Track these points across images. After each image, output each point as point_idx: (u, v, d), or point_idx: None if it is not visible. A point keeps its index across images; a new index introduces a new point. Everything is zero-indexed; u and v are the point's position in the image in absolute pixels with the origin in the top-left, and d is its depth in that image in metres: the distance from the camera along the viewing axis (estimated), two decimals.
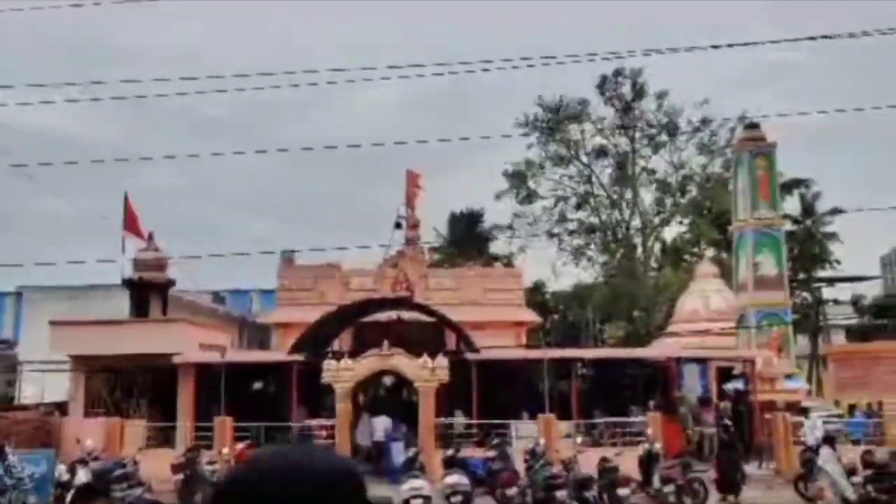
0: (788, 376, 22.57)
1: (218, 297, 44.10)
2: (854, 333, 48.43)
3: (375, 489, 16.54)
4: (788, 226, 40.02)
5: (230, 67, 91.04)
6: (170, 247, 25.29)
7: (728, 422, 17.22)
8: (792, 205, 44.94)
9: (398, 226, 32.14)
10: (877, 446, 16.38)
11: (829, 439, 14.82)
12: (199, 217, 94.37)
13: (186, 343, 21.54)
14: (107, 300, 27.27)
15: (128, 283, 24.31)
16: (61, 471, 14.50)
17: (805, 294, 45.41)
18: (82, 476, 13.17)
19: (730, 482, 14.83)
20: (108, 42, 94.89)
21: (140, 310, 23.98)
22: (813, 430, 17.05)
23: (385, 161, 48.77)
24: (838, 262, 45.69)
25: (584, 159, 44.45)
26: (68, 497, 12.85)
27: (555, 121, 43.63)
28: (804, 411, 19.43)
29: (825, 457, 13.99)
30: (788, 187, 43.70)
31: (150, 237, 25.01)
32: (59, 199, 76.22)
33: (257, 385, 23.06)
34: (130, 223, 25.38)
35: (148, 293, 24.16)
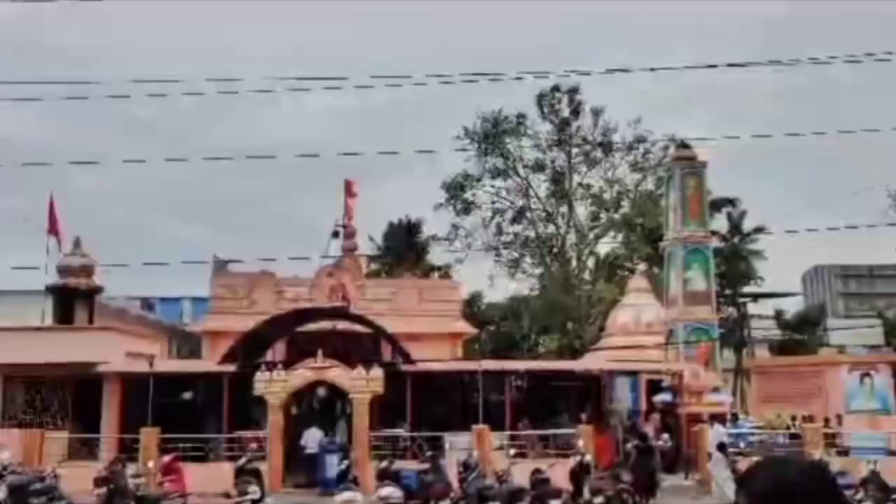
0: (715, 389, 23.24)
1: (147, 304, 42.88)
2: (777, 347, 50.35)
3: (311, 500, 16.36)
4: (716, 243, 41.40)
5: (162, 68, 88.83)
6: (98, 252, 24.53)
7: (666, 434, 17.78)
8: (720, 223, 46.54)
9: (335, 235, 31.94)
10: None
11: (721, 446, 16.35)
12: (128, 221, 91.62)
13: (113, 351, 20.85)
14: (27, 306, 26.19)
15: (52, 289, 23.43)
16: None
17: (731, 309, 46.95)
18: None
19: (645, 486, 15.61)
20: (35, 39, 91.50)
21: (64, 316, 23.13)
22: (716, 437, 17.69)
23: (321, 168, 48.46)
24: (762, 278, 47.46)
25: (522, 173, 45.03)
26: None
27: (494, 134, 44.11)
28: (735, 418, 20.06)
29: (714, 460, 16.13)
30: (717, 205, 45.16)
31: (77, 242, 24.18)
32: None
33: (187, 395, 22.50)
34: (52, 226, 24.51)
35: (73, 299, 23.34)
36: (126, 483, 14.56)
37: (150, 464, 15.78)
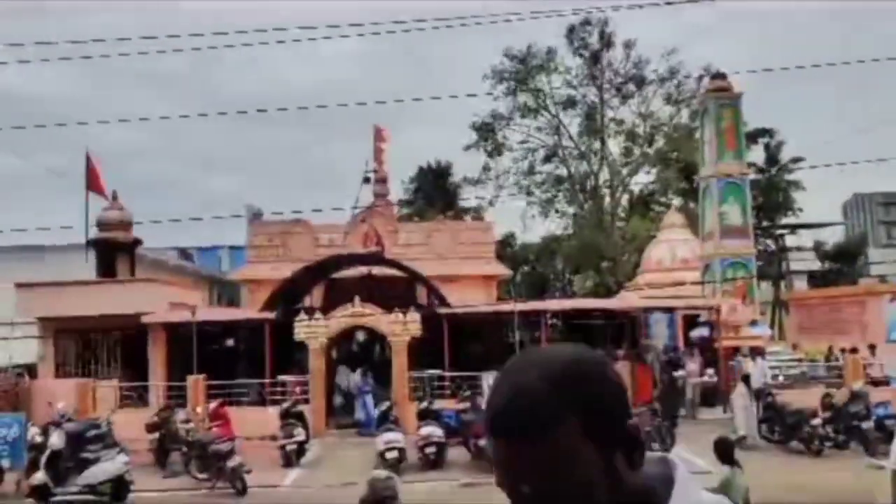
0: (753, 323, 23.11)
1: (186, 254, 43.65)
2: (815, 279, 49.70)
3: (354, 440, 16.82)
4: (753, 175, 40.60)
5: (187, 20, 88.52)
6: (133, 205, 24.92)
7: (711, 369, 17.89)
8: (757, 154, 45.57)
9: (367, 180, 32.04)
10: (836, 389, 16.95)
11: (745, 378, 16.50)
12: (162, 174, 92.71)
13: (156, 302, 21.36)
14: (70, 260, 26.82)
15: (93, 244, 23.93)
16: (34, 433, 14.45)
17: (768, 241, 46.33)
18: (56, 439, 13.13)
19: (670, 413, 16.19)
20: None
21: (107, 270, 23.67)
22: (759, 371, 17.69)
23: (350, 114, 48.22)
24: (801, 209, 46.67)
25: (553, 110, 44.32)
26: (42, 459, 12.83)
27: (523, 71, 43.32)
28: (762, 353, 19.97)
29: (737, 392, 16.18)
30: (753, 137, 44.17)
31: (114, 196, 24.56)
32: (16, 156, 74.28)
33: (229, 343, 23.05)
34: (93, 182, 24.85)
35: (114, 253, 23.85)
36: (176, 428, 15.13)
37: (199, 409, 16.31)
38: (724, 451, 7.32)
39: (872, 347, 20.52)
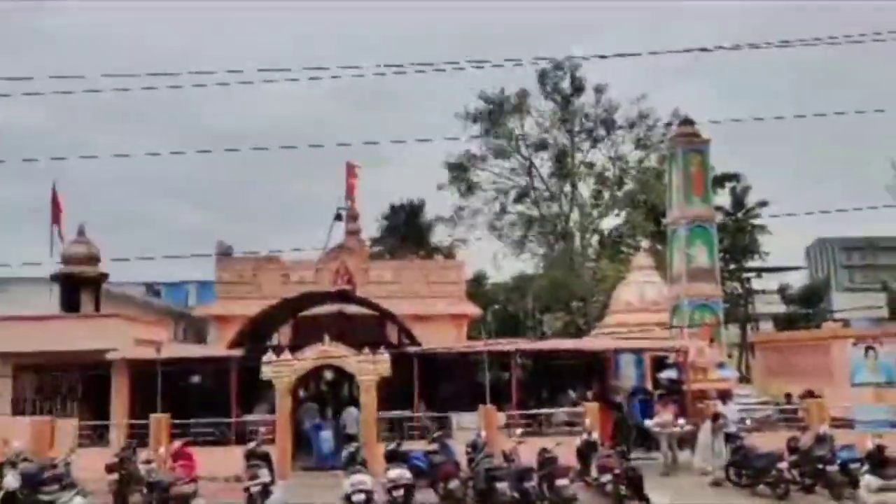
0: (720, 365, 23.28)
1: (153, 289, 43.06)
2: (781, 322, 50.47)
3: (320, 482, 16.51)
4: (720, 218, 41.34)
5: (165, 52, 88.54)
6: (102, 239, 24.59)
7: (682, 420, 17.91)
8: (724, 198, 46.51)
9: (338, 217, 31.93)
10: (801, 432, 17.09)
11: (715, 416, 16.96)
12: (129, 208, 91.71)
13: (121, 339, 20.97)
14: (35, 294, 26.33)
15: (58, 278, 23.53)
16: None
17: (735, 284, 47.03)
18: (11, 479, 12.73)
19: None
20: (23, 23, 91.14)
21: (70, 305, 23.25)
22: (730, 414, 17.82)
23: (321, 151, 48.36)
24: (766, 252, 47.56)
25: (525, 152, 44.89)
26: None
27: (496, 113, 43.92)
28: (730, 396, 20.13)
29: (703, 428, 16.88)
30: (720, 181, 45.14)
31: (81, 230, 24.24)
32: None
33: (195, 380, 22.65)
34: (56, 216, 24.55)
35: (79, 287, 23.46)
36: (137, 468, 14.72)
37: (161, 449, 15.92)
38: None
39: (812, 392, 20.98)
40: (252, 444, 15.95)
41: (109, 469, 14.75)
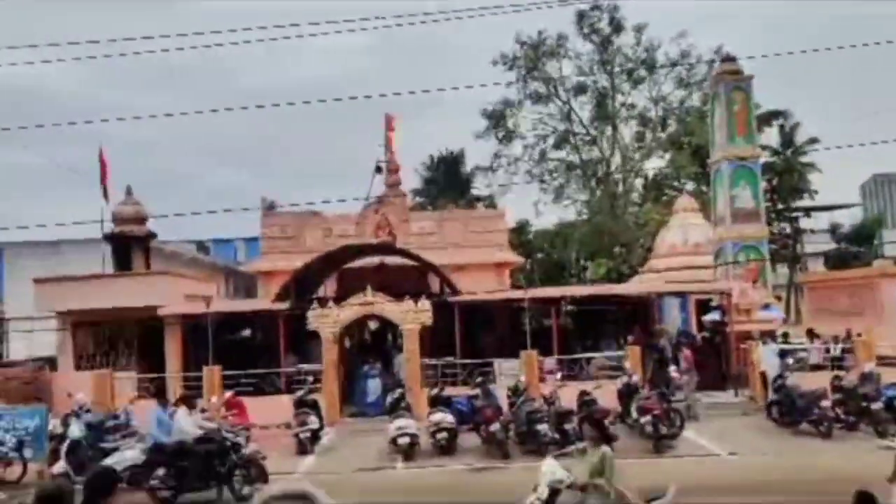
0: (765, 306, 23.05)
1: (202, 246, 44.09)
2: (832, 261, 49.33)
3: (367, 427, 17.03)
4: (767, 157, 40.32)
5: (199, 13, 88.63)
6: (149, 199, 25.27)
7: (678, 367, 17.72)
8: (771, 136, 45.26)
9: (378, 170, 32.10)
10: (845, 371, 16.95)
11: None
12: (176, 167, 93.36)
13: (171, 294, 21.66)
14: (86, 254, 27.26)
15: (109, 238, 24.27)
16: (55, 424, 14.77)
17: (783, 224, 46.06)
18: (75, 429, 13.44)
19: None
20: None
21: (122, 263, 24.01)
22: (768, 354, 17.68)
23: (360, 104, 48.26)
24: (816, 192, 46.28)
25: (564, 97, 44.21)
26: (63, 449, 13.14)
27: (533, 58, 43.22)
28: (773, 337, 19.91)
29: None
30: (767, 119, 43.86)
31: (129, 191, 24.87)
32: (32, 152, 75.09)
33: (245, 333, 23.34)
34: (104, 177, 25.24)
35: (129, 246, 24.16)
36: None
37: (214, 399, 16.56)
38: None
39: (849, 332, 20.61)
40: (300, 393, 16.51)
41: None
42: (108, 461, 12.84)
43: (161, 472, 11.73)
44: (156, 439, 12.16)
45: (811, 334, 21.43)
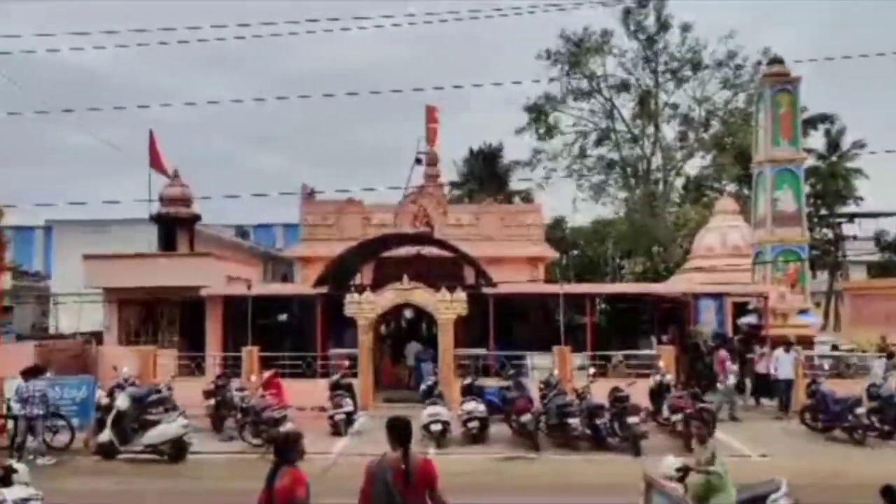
0: (802, 311, 22.84)
1: (242, 231, 44.88)
2: (875, 269, 48.38)
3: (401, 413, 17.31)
4: (812, 161, 39.68)
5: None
6: (192, 182, 25.84)
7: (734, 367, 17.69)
8: (816, 140, 44.51)
9: (418, 161, 32.38)
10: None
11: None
12: (217, 152, 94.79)
13: (214, 276, 22.24)
14: (132, 233, 28.04)
15: (156, 219, 24.94)
16: (101, 396, 15.38)
17: (826, 230, 45.32)
18: (122, 400, 13.96)
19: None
20: None
21: (168, 244, 24.67)
22: (779, 363, 17.55)
23: (402, 95, 48.50)
24: (861, 198, 45.40)
25: (606, 93, 43.96)
26: (109, 419, 13.66)
27: (577, 53, 43.04)
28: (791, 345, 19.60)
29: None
30: (813, 122, 43.15)
31: (175, 173, 25.49)
32: (83, 133, 76.86)
33: (283, 317, 23.83)
34: (155, 160, 25.86)
35: (175, 228, 24.81)
36: (231, 395, 15.85)
37: (253, 378, 17.02)
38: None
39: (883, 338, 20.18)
40: (336, 377, 16.88)
41: (207, 395, 15.93)
42: (151, 433, 13.37)
43: None
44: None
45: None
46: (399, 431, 5.15)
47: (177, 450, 13.30)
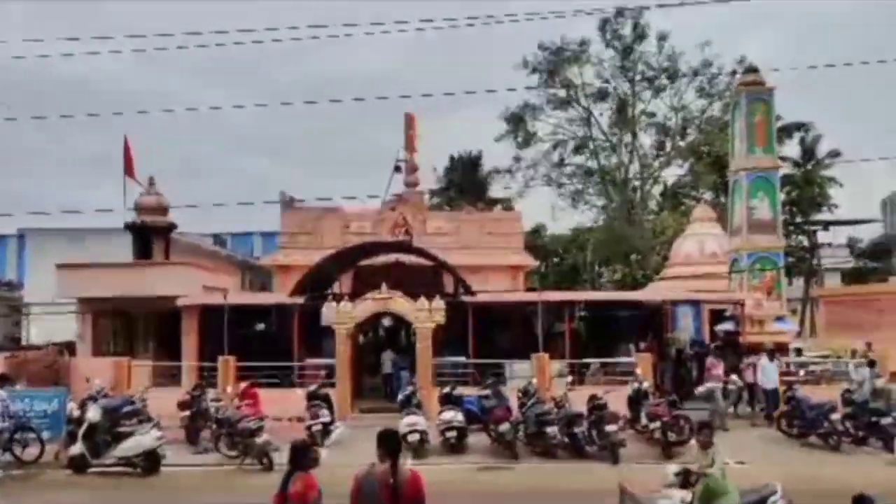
0: (779, 318, 23.03)
1: (219, 239, 44.53)
2: (849, 276, 49.04)
3: (378, 423, 17.20)
4: (787, 169, 40.14)
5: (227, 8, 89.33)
6: (168, 189, 25.57)
7: (734, 376, 17.80)
8: (792, 148, 45.02)
9: (397, 169, 32.36)
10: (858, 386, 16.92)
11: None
12: (196, 158, 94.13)
13: (190, 285, 21.99)
14: (107, 243, 27.68)
15: (130, 227, 24.64)
16: (72, 408, 15.09)
17: (801, 237, 45.81)
18: (93, 412, 13.71)
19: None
20: None
21: (143, 253, 24.38)
22: (765, 371, 17.67)
23: (382, 102, 48.44)
24: (835, 205, 45.97)
25: (584, 102, 44.24)
26: (80, 432, 13.42)
27: (555, 63, 43.30)
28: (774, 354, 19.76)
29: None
30: (788, 130, 43.66)
31: (151, 181, 25.22)
32: (54, 139, 75.96)
33: (260, 326, 23.62)
34: (129, 167, 25.55)
35: (150, 237, 24.53)
36: (207, 406, 15.64)
37: (229, 389, 16.82)
38: None
39: (869, 345, 20.37)
40: (313, 387, 16.72)
41: (182, 406, 15.71)
42: (124, 445, 13.15)
43: None
44: None
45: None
46: (389, 443, 5.19)
47: (150, 462, 13.07)
